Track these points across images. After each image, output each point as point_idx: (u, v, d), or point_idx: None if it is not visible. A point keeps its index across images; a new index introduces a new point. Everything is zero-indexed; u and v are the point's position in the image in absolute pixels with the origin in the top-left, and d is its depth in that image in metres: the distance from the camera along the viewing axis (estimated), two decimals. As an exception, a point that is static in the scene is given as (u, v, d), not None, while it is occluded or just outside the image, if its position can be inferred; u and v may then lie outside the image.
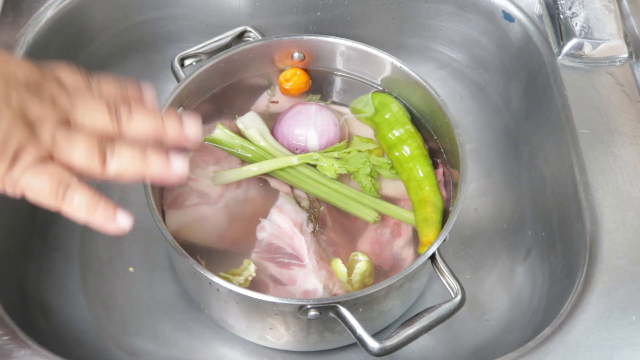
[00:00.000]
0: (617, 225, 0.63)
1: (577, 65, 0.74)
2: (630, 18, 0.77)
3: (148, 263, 0.76)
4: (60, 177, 0.45)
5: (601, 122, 0.70)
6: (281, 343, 0.68)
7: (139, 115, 0.47)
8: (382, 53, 0.74)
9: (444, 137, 0.72)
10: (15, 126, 0.43)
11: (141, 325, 0.72)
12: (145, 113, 0.48)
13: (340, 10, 0.86)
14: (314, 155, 0.70)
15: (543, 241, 0.73)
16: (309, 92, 0.79)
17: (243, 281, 0.63)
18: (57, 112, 0.45)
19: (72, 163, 0.45)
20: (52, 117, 0.45)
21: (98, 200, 0.46)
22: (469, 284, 0.75)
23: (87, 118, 0.46)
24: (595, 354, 0.57)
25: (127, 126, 0.47)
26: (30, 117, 0.44)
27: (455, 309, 0.58)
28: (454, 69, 0.89)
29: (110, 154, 0.46)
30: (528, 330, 0.67)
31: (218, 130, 0.71)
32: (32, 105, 0.44)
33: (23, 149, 0.44)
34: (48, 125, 0.44)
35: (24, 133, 0.43)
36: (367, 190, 0.70)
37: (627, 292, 0.60)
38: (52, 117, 0.45)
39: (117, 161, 0.46)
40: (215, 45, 0.76)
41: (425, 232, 0.65)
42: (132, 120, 0.47)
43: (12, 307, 0.60)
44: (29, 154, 0.44)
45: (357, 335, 0.56)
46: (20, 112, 0.43)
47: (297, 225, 0.66)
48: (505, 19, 0.81)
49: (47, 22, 0.76)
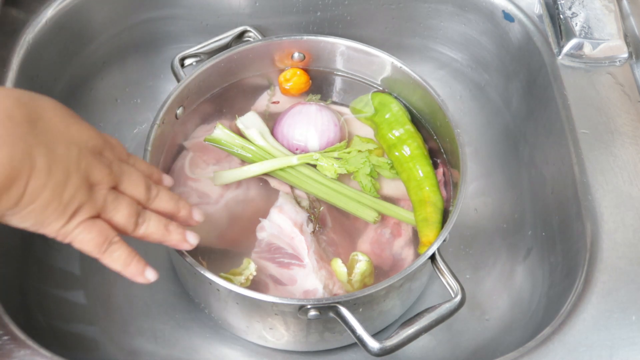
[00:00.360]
0: (617, 225, 0.63)
1: (577, 65, 0.74)
2: (630, 18, 0.77)
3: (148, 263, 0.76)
4: (107, 234, 0.52)
5: (601, 122, 0.70)
6: (281, 343, 0.68)
7: (163, 195, 0.58)
8: (382, 53, 0.74)
9: (444, 137, 0.72)
10: (80, 188, 0.50)
11: (141, 325, 0.72)
12: (168, 195, 0.58)
13: (340, 10, 0.86)
14: (314, 155, 0.70)
15: (543, 241, 0.73)
16: (309, 92, 0.79)
17: (244, 280, 0.63)
18: (111, 177, 0.53)
19: (113, 222, 0.53)
20: (107, 182, 0.52)
21: (133, 257, 0.54)
22: (469, 284, 0.75)
23: (130, 188, 0.55)
24: (595, 354, 0.57)
25: (152, 203, 0.57)
26: (91, 180, 0.51)
27: (455, 309, 0.58)
28: (454, 69, 0.89)
29: (142, 220, 0.55)
30: (528, 330, 0.67)
31: (218, 130, 0.71)
32: (94, 171, 0.51)
33: (82, 207, 0.50)
34: (103, 188, 0.52)
35: (85, 194, 0.50)
36: (367, 190, 0.70)
37: (627, 292, 0.60)
38: (107, 182, 0.52)
39: (145, 226, 0.55)
40: (215, 45, 0.76)
41: (425, 232, 0.65)
42: (158, 198, 0.57)
43: (12, 307, 0.60)
44: (85, 211, 0.51)
45: (357, 335, 0.56)
46: (85, 175, 0.50)
47: (297, 225, 0.66)
48: (505, 19, 0.81)
49: (47, 22, 0.76)
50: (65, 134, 0.49)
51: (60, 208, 0.49)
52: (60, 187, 0.48)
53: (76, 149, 0.50)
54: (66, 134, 0.50)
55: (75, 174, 0.49)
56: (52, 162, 0.47)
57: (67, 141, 0.49)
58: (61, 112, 0.51)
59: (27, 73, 0.73)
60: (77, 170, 0.49)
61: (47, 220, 0.49)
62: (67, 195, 0.49)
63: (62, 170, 0.48)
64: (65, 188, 0.48)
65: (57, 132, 0.49)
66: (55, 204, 0.48)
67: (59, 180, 0.48)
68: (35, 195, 0.47)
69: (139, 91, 0.87)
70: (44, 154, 0.47)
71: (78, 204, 0.50)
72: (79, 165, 0.50)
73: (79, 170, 0.49)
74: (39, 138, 0.47)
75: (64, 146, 0.49)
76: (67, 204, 0.49)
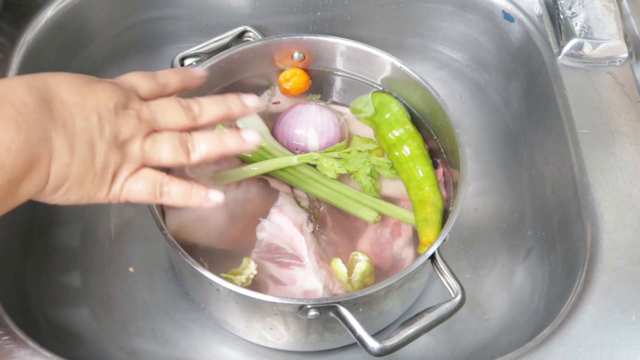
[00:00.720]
0: (617, 225, 0.63)
1: (577, 65, 0.74)
2: (630, 18, 0.77)
3: (148, 263, 0.76)
4: (154, 179, 0.52)
5: (601, 122, 0.70)
6: (281, 343, 0.68)
7: (207, 105, 0.55)
8: (382, 53, 0.74)
9: (444, 137, 0.72)
10: (110, 153, 0.49)
11: (141, 325, 0.72)
12: (212, 101, 0.56)
13: (340, 10, 0.86)
14: (314, 155, 0.70)
15: (543, 241, 0.73)
16: (309, 92, 0.79)
17: (245, 280, 0.63)
18: (143, 125, 0.52)
19: (162, 164, 0.53)
20: (139, 133, 0.51)
21: (190, 189, 0.53)
22: (469, 284, 0.75)
23: (167, 120, 0.53)
24: (595, 354, 0.57)
25: (200, 117, 0.55)
26: (121, 139, 0.50)
27: (455, 309, 0.58)
28: (454, 69, 0.89)
29: (191, 145, 0.53)
30: (528, 330, 0.67)
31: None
32: (122, 129, 0.50)
33: (120, 168, 0.50)
34: (138, 140, 0.51)
35: (118, 156, 0.50)
36: (367, 190, 0.70)
37: (627, 292, 0.60)
38: (139, 133, 0.51)
39: (198, 149, 0.53)
40: (215, 45, 0.76)
41: (425, 232, 0.65)
42: (203, 111, 0.55)
43: (12, 307, 0.60)
44: (125, 170, 0.51)
45: (357, 335, 0.56)
46: (113, 138, 0.50)
47: (297, 225, 0.66)
48: (505, 19, 0.81)
49: (47, 22, 0.76)
50: (82, 105, 0.49)
51: (97, 178, 0.49)
52: (88, 160, 0.48)
53: (96, 116, 0.49)
54: (83, 105, 0.49)
55: (100, 141, 0.49)
56: (72, 139, 0.47)
57: (85, 112, 0.49)
58: (75, 84, 0.50)
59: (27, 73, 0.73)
60: (102, 137, 0.49)
61: (90, 193, 0.49)
62: (99, 164, 0.49)
63: (85, 143, 0.48)
64: (94, 159, 0.48)
65: (74, 106, 0.48)
66: (90, 176, 0.48)
67: (84, 154, 0.48)
68: (64, 174, 0.47)
69: (139, 91, 0.87)
70: (62, 133, 0.47)
71: (114, 167, 0.50)
72: (103, 131, 0.49)
73: (103, 137, 0.49)
74: (56, 118, 0.47)
75: (82, 119, 0.48)
76: (102, 172, 0.49)
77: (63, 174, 0.47)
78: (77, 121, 0.48)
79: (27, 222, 0.71)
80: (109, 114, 0.50)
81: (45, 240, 0.74)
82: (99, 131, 0.49)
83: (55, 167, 0.47)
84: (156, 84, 0.56)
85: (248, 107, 0.58)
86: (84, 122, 0.48)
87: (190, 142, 0.54)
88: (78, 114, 0.48)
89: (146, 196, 0.52)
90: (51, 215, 0.75)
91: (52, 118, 0.47)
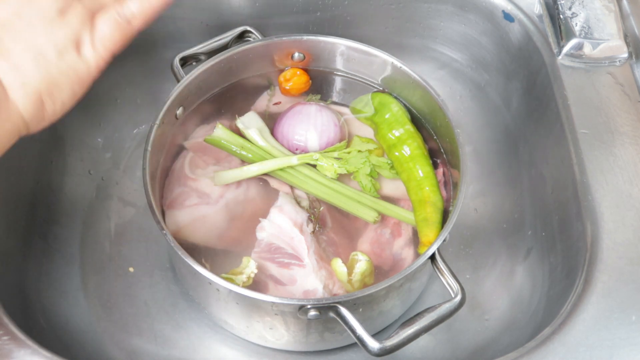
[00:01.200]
0: (617, 225, 0.63)
1: (577, 65, 0.74)
2: (630, 18, 0.77)
3: (148, 263, 0.76)
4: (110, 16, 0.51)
5: (601, 122, 0.70)
6: (281, 343, 0.68)
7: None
8: (382, 53, 0.74)
9: (444, 137, 0.72)
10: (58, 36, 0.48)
11: (141, 325, 0.72)
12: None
13: (340, 10, 0.86)
14: (314, 155, 0.70)
15: (543, 241, 0.73)
16: (309, 92, 0.79)
17: (246, 279, 0.63)
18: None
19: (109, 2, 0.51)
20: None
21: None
22: (469, 284, 0.75)
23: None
24: (595, 354, 0.57)
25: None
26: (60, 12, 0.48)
27: (455, 309, 0.58)
28: (454, 69, 0.89)
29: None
30: (528, 330, 0.67)
31: (218, 130, 0.71)
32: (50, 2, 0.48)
33: (78, 39, 0.49)
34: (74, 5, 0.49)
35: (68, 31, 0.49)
36: (367, 190, 0.70)
37: (627, 292, 0.60)
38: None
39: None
40: (215, 45, 0.76)
41: (425, 232, 0.65)
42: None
43: (12, 307, 0.60)
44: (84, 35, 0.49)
45: (357, 335, 0.56)
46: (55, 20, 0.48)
47: (297, 225, 0.66)
48: (505, 19, 0.81)
49: (47, 22, 0.76)
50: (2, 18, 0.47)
51: (64, 67, 0.48)
52: (40, 57, 0.47)
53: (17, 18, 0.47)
54: (2, 17, 0.47)
55: (39, 32, 0.47)
56: (12, 55, 0.46)
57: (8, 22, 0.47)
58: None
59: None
60: (36, 31, 0.48)
61: (74, 80, 0.49)
62: (54, 50, 0.48)
63: (25, 47, 0.47)
64: (44, 53, 0.47)
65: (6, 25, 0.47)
66: (55, 70, 0.48)
67: (34, 55, 0.47)
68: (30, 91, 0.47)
69: (139, 91, 0.87)
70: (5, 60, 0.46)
71: (73, 38, 0.49)
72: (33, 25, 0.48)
73: (36, 30, 0.48)
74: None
75: (10, 32, 0.47)
76: (63, 52, 0.48)
77: (29, 91, 0.46)
78: (3, 38, 0.47)
79: (27, 222, 0.71)
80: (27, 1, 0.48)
81: (45, 240, 0.74)
82: (29, 28, 0.47)
83: (15, 93, 0.46)
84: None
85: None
86: (11, 33, 0.47)
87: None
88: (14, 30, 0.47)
89: (119, 35, 0.51)
90: (51, 215, 0.75)
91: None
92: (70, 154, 0.80)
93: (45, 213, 0.74)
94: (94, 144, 0.83)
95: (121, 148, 0.85)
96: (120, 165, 0.83)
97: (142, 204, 0.80)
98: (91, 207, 0.79)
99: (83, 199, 0.80)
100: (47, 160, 0.76)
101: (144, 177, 0.64)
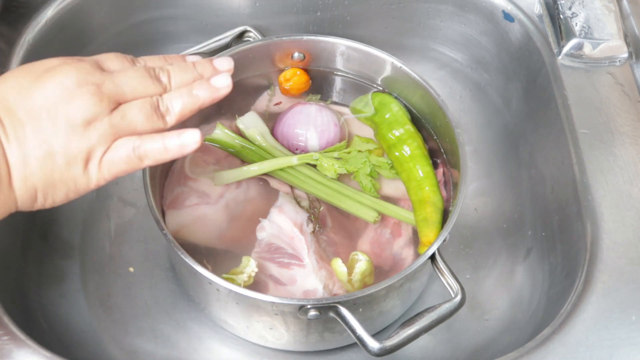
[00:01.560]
0: (617, 225, 0.63)
1: (577, 65, 0.74)
2: (630, 18, 0.77)
3: (148, 263, 0.76)
4: (126, 146, 0.49)
5: (601, 122, 0.70)
6: (281, 343, 0.68)
7: (175, 72, 0.53)
8: (382, 53, 0.74)
9: (444, 137, 0.72)
10: (71, 144, 0.47)
11: (141, 325, 0.72)
12: (181, 68, 0.53)
13: (340, 10, 0.86)
14: (314, 155, 0.70)
15: (543, 241, 0.73)
16: (309, 92, 0.79)
17: (247, 278, 0.63)
18: (105, 103, 0.49)
19: (137, 132, 0.50)
20: (103, 110, 0.48)
21: (164, 139, 0.50)
22: (469, 284, 0.75)
23: (136, 93, 0.50)
24: (595, 354, 0.57)
25: (169, 85, 0.52)
26: (81, 123, 0.47)
27: (455, 309, 0.58)
28: (454, 69, 0.89)
29: (164, 108, 0.51)
30: (528, 330, 0.67)
31: (218, 130, 0.71)
32: (80, 113, 0.47)
33: (91, 152, 0.48)
34: (102, 118, 0.48)
35: (82, 142, 0.47)
36: (367, 190, 0.70)
37: (627, 292, 0.60)
38: (103, 110, 0.48)
39: (172, 110, 0.51)
40: (215, 45, 0.76)
41: (425, 232, 0.65)
42: (172, 78, 0.52)
43: (12, 307, 0.60)
44: (97, 151, 0.48)
45: (357, 335, 0.56)
46: (71, 128, 0.47)
47: (297, 225, 0.66)
48: (505, 19, 0.81)
49: (47, 22, 0.76)
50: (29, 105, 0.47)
51: (67, 173, 0.47)
52: (48, 162, 0.47)
53: (44, 112, 0.47)
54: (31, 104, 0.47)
55: (55, 137, 0.47)
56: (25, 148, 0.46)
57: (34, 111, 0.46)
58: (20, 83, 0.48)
59: (27, 73, 0.73)
60: (56, 132, 0.47)
61: (70, 187, 0.48)
62: (62, 160, 0.47)
63: (38, 147, 0.46)
64: (53, 158, 0.47)
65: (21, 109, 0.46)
66: (58, 174, 0.47)
67: (41, 158, 0.46)
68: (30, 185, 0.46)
69: (139, 91, 0.87)
70: (16, 146, 0.46)
71: (84, 154, 0.48)
72: (56, 125, 0.47)
73: (57, 131, 0.47)
74: (7, 132, 0.46)
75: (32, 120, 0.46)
76: (68, 165, 0.47)
77: (28, 185, 0.46)
78: (27, 125, 0.46)
79: (27, 222, 0.71)
80: (64, 103, 0.47)
81: (45, 240, 0.74)
82: (52, 127, 0.47)
83: (16, 183, 0.46)
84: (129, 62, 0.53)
85: (219, 70, 0.55)
86: (35, 124, 0.47)
87: (163, 105, 0.51)
88: (27, 117, 0.46)
89: (126, 166, 0.50)
90: (51, 215, 0.75)
91: (4, 132, 0.46)
92: (70, 154, 0.80)
93: (45, 213, 0.74)
94: (94, 144, 0.83)
95: (121, 148, 0.85)
96: (120, 165, 0.83)
97: (142, 204, 0.80)
98: (91, 207, 0.79)
99: (83, 199, 0.79)
100: (47, 160, 0.76)
101: (144, 177, 0.64)
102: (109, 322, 0.72)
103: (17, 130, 0.46)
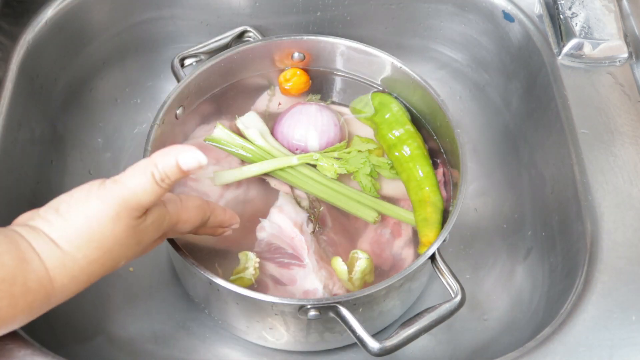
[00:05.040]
0: (617, 225, 0.63)
1: (577, 65, 0.74)
2: (630, 18, 0.77)
3: (148, 263, 0.76)
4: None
5: (601, 122, 0.70)
6: (281, 343, 0.68)
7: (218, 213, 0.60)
8: (382, 53, 0.74)
9: (444, 137, 0.72)
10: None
11: (141, 325, 0.72)
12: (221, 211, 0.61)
13: (340, 10, 0.86)
14: (314, 155, 0.70)
15: (543, 241, 0.73)
16: (309, 92, 0.79)
17: (254, 272, 0.63)
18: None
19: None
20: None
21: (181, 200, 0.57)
22: (469, 284, 0.75)
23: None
24: (595, 354, 0.57)
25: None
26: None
27: (455, 309, 0.58)
28: (454, 69, 0.89)
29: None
30: (528, 330, 0.67)
31: (218, 130, 0.71)
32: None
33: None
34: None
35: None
36: (367, 190, 0.70)
37: (627, 292, 0.60)
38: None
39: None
40: (215, 45, 0.76)
41: (425, 232, 0.65)
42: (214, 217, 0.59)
43: (12, 307, 0.60)
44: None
45: (357, 335, 0.56)
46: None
47: (297, 225, 0.66)
48: (505, 19, 0.81)
49: (47, 22, 0.76)
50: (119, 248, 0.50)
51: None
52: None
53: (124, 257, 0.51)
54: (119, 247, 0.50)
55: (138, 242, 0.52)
56: None
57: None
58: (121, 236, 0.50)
59: (27, 73, 0.73)
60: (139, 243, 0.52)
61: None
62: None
63: None
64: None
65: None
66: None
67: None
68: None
69: (139, 91, 0.87)
70: None
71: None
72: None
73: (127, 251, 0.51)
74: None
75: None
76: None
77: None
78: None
79: (27, 222, 0.71)
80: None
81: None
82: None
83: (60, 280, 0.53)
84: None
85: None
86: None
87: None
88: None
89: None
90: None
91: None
92: (70, 154, 0.80)
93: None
94: (94, 144, 0.83)
95: (121, 148, 0.85)
96: (120, 165, 0.83)
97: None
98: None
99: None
100: (47, 160, 0.76)
101: (144, 177, 0.64)
102: (109, 322, 0.72)
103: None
